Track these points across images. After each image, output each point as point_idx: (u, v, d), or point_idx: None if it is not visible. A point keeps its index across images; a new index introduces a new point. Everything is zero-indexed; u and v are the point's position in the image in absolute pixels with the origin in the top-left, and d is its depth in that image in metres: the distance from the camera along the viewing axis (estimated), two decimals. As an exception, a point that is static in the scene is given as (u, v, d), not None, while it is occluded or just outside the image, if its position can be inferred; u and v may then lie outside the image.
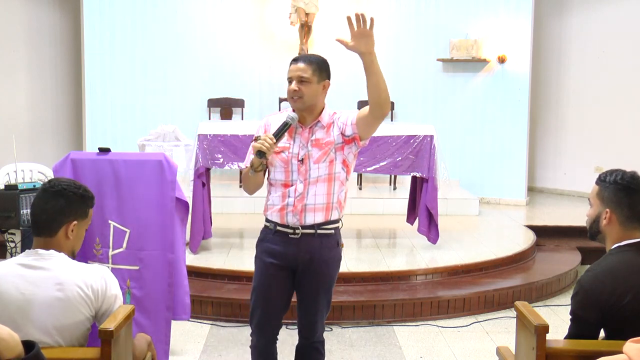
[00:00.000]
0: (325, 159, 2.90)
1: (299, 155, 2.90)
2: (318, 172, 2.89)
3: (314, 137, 2.91)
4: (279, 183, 2.94)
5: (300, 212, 2.89)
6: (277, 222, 2.94)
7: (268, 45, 8.48)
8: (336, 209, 2.96)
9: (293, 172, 2.90)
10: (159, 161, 3.61)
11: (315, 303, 3.02)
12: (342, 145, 2.92)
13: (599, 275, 2.39)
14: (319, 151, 2.90)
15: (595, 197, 2.52)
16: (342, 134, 2.91)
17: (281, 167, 2.92)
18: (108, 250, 3.65)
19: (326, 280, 3.01)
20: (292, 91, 2.86)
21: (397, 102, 8.34)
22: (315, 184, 2.89)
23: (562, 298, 5.50)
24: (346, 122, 2.90)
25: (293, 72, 2.88)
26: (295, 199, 2.89)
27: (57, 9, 8.77)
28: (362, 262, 5.48)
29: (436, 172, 5.62)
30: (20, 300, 2.28)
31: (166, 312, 3.65)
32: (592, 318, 2.37)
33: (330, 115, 2.96)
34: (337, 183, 2.94)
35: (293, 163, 2.90)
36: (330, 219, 2.94)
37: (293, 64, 2.90)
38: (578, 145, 8.82)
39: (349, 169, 2.99)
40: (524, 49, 8.25)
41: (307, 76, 2.86)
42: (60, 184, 2.41)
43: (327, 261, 2.97)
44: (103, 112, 8.46)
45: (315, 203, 2.90)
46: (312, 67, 2.87)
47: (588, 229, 2.58)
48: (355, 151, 2.98)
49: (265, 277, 2.99)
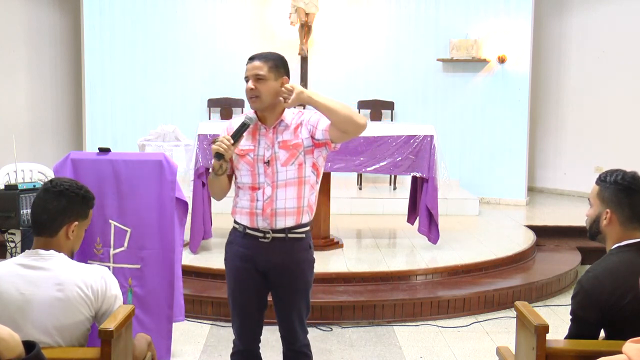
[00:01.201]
0: (293, 161, 2.80)
1: (265, 157, 2.81)
2: (286, 175, 2.80)
3: (280, 138, 2.82)
4: (246, 186, 2.85)
5: (270, 216, 2.81)
6: (247, 225, 2.86)
7: (268, 45, 8.44)
8: (307, 212, 2.87)
9: (259, 174, 2.81)
10: (159, 161, 3.62)
11: (293, 308, 2.94)
12: (311, 148, 2.83)
13: (599, 275, 2.39)
14: (287, 153, 2.80)
15: (596, 197, 2.51)
16: (312, 137, 2.82)
17: (247, 170, 2.83)
18: (109, 249, 3.67)
19: (301, 284, 2.93)
20: (249, 90, 2.77)
21: (397, 102, 8.34)
22: (284, 187, 2.80)
23: (562, 298, 5.50)
24: (316, 126, 2.80)
25: (249, 70, 2.79)
26: (264, 203, 2.81)
27: (57, 9, 8.77)
28: (362, 262, 5.48)
29: (436, 172, 5.62)
30: (20, 301, 2.28)
31: (168, 309, 3.68)
32: (592, 318, 2.37)
33: (295, 114, 2.87)
34: (307, 187, 2.84)
35: (259, 166, 2.81)
36: (301, 223, 2.86)
37: (249, 63, 2.81)
38: (578, 145, 8.81)
39: (319, 172, 2.89)
40: (524, 49, 8.25)
41: (263, 73, 2.76)
42: (62, 184, 2.41)
43: (299, 264, 2.90)
44: (103, 112, 8.46)
45: (285, 207, 2.81)
46: (269, 65, 2.78)
47: (588, 229, 2.57)
48: (326, 154, 2.90)
49: (238, 282, 2.94)
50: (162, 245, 3.63)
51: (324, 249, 5.72)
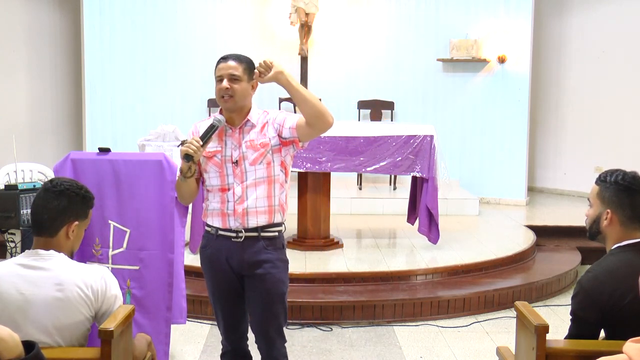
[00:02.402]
0: (262, 160, 2.81)
1: (233, 157, 2.81)
2: (255, 175, 2.81)
3: (247, 138, 2.82)
4: (215, 188, 2.85)
5: (242, 215, 2.81)
6: (219, 226, 2.86)
7: (268, 45, 8.48)
8: (279, 212, 2.87)
9: (228, 175, 2.82)
10: (159, 161, 3.60)
11: (269, 309, 2.90)
12: (279, 147, 2.84)
13: (599, 275, 2.39)
14: (255, 152, 2.81)
15: (596, 197, 2.51)
16: (279, 136, 2.83)
17: (215, 172, 2.84)
18: (108, 250, 3.65)
19: (276, 283, 2.88)
20: (224, 89, 2.76)
21: (397, 102, 8.34)
22: (254, 186, 2.81)
23: (562, 298, 5.50)
24: (282, 124, 2.82)
25: (223, 70, 2.78)
26: (235, 203, 2.81)
27: (57, 9, 8.77)
28: (362, 262, 5.48)
29: (436, 172, 5.62)
30: (20, 300, 2.28)
31: (166, 312, 3.64)
32: (592, 318, 2.37)
33: (261, 114, 2.88)
34: (276, 185, 2.85)
35: (227, 166, 2.82)
36: (273, 222, 2.86)
37: (222, 62, 2.80)
38: (578, 145, 8.81)
39: (287, 170, 2.91)
40: (524, 49, 8.25)
41: (238, 74, 2.77)
42: (62, 184, 2.40)
43: (274, 262, 2.87)
44: (103, 112, 8.46)
45: (256, 206, 2.82)
46: (243, 66, 2.79)
47: (588, 229, 2.57)
48: (293, 153, 2.91)
49: (216, 284, 2.96)
50: (161, 247, 3.60)
51: (324, 249, 5.73)
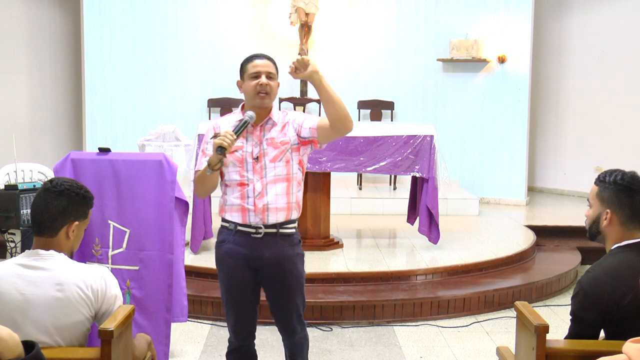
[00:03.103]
0: (281, 158, 2.90)
1: (254, 153, 2.89)
2: (275, 171, 2.89)
3: (268, 135, 2.91)
4: (234, 183, 2.91)
5: (262, 211, 2.88)
6: (238, 222, 2.91)
7: (268, 45, 8.47)
8: (295, 209, 2.96)
9: (248, 170, 2.89)
10: (159, 161, 3.60)
11: (290, 302, 3.02)
12: (297, 146, 2.94)
13: (599, 275, 2.39)
14: (275, 150, 2.90)
15: (595, 197, 2.51)
16: (298, 135, 2.93)
17: (235, 167, 2.90)
18: (108, 250, 3.64)
19: (296, 277, 3.01)
20: (264, 85, 2.86)
21: (397, 102, 8.34)
22: (274, 183, 2.89)
23: (562, 298, 5.50)
24: (302, 124, 2.91)
25: (261, 67, 2.88)
26: (256, 199, 2.88)
27: (57, 9, 8.77)
28: (362, 262, 5.48)
29: (436, 172, 5.62)
30: (20, 301, 2.28)
31: (166, 313, 3.63)
32: (592, 318, 2.37)
33: (281, 114, 2.98)
34: (294, 183, 2.94)
35: (248, 161, 2.89)
36: (291, 219, 2.95)
37: (259, 60, 2.90)
38: (578, 145, 8.81)
39: (303, 169, 3.01)
40: (524, 49, 8.25)
41: (273, 72, 2.91)
42: (62, 184, 2.40)
43: (292, 258, 2.97)
44: (103, 112, 8.46)
45: (276, 203, 2.89)
46: (275, 66, 2.94)
47: (587, 229, 2.56)
48: (310, 152, 3.01)
49: (232, 280, 3.00)
50: (161, 247, 3.59)
51: (324, 249, 5.72)
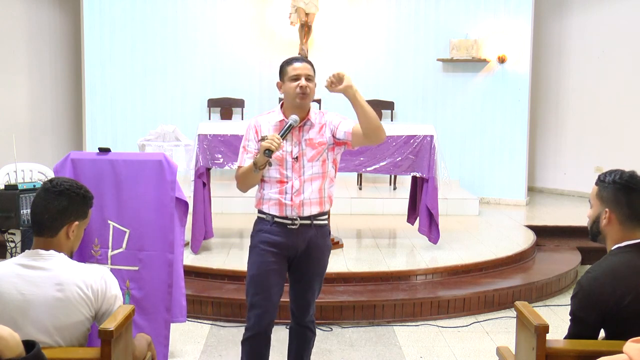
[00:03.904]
0: (318, 157, 3.13)
1: (293, 153, 3.10)
2: (312, 170, 3.12)
3: (306, 136, 3.13)
4: (273, 180, 3.12)
5: (299, 206, 3.11)
6: (276, 214, 3.13)
7: (268, 45, 8.49)
8: (327, 202, 3.20)
9: (288, 169, 3.10)
10: (159, 161, 3.60)
11: (311, 287, 3.26)
12: (332, 146, 3.17)
13: (599, 276, 2.39)
14: (313, 150, 3.12)
15: (595, 197, 2.51)
16: (334, 136, 3.14)
17: (276, 165, 3.10)
18: (107, 250, 3.64)
19: (321, 267, 3.27)
20: (305, 87, 3.06)
21: (397, 102, 8.34)
22: (310, 181, 3.11)
23: (562, 298, 5.50)
24: (338, 127, 3.12)
25: (302, 69, 3.10)
26: (293, 195, 3.10)
27: (57, 9, 8.77)
28: (362, 262, 5.48)
29: (436, 172, 5.62)
30: (20, 300, 2.28)
31: (165, 313, 3.63)
32: (591, 319, 2.37)
33: (318, 114, 3.19)
34: (327, 180, 3.18)
35: (287, 160, 3.10)
36: (324, 211, 3.19)
37: (298, 63, 3.11)
38: (578, 145, 8.81)
39: (337, 167, 3.25)
40: (524, 49, 8.25)
41: (312, 75, 3.13)
42: (62, 184, 2.40)
43: (322, 248, 3.21)
44: (103, 112, 8.46)
45: (311, 198, 3.12)
46: (313, 69, 3.16)
47: (589, 230, 2.57)
48: (342, 151, 3.24)
49: (265, 265, 3.14)
50: (161, 247, 3.59)
51: (324, 249, 5.72)
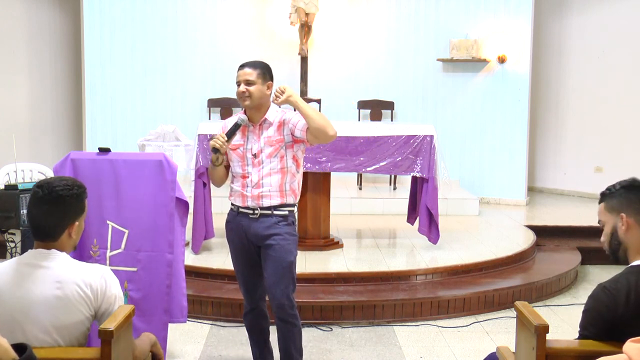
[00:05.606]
0: (276, 154, 3.40)
1: (253, 150, 3.41)
2: (270, 165, 3.40)
3: (265, 134, 3.41)
4: (238, 175, 3.46)
5: (257, 198, 3.41)
6: (240, 205, 3.46)
7: (268, 45, 8.48)
8: (290, 195, 3.46)
9: (248, 165, 3.42)
10: (159, 161, 3.60)
11: (275, 272, 3.42)
12: (291, 143, 3.43)
13: (615, 296, 2.29)
14: (270, 147, 3.40)
15: (604, 212, 2.44)
16: (292, 134, 3.40)
17: (238, 162, 3.44)
18: (106, 251, 3.62)
19: (286, 255, 3.42)
20: (241, 93, 3.37)
21: (397, 102, 8.34)
22: (269, 175, 3.40)
23: (562, 298, 5.50)
24: (296, 125, 3.38)
25: (241, 75, 3.39)
26: (252, 188, 3.41)
27: (57, 9, 8.77)
28: (362, 262, 5.48)
29: (436, 172, 5.62)
30: (20, 299, 2.28)
31: (163, 314, 3.62)
32: (601, 335, 2.32)
33: (278, 112, 3.45)
34: (289, 175, 3.44)
35: (248, 157, 3.42)
36: (286, 202, 3.44)
37: (240, 70, 3.41)
38: (578, 145, 8.81)
39: (298, 162, 3.49)
40: (524, 49, 8.25)
41: (252, 79, 3.37)
42: (54, 190, 2.33)
43: (283, 235, 3.42)
44: (103, 112, 8.46)
45: (271, 191, 3.40)
46: (257, 71, 3.39)
47: (609, 249, 2.43)
48: (304, 149, 3.50)
49: (238, 252, 3.55)
50: (160, 247, 3.59)
51: (324, 249, 5.72)
